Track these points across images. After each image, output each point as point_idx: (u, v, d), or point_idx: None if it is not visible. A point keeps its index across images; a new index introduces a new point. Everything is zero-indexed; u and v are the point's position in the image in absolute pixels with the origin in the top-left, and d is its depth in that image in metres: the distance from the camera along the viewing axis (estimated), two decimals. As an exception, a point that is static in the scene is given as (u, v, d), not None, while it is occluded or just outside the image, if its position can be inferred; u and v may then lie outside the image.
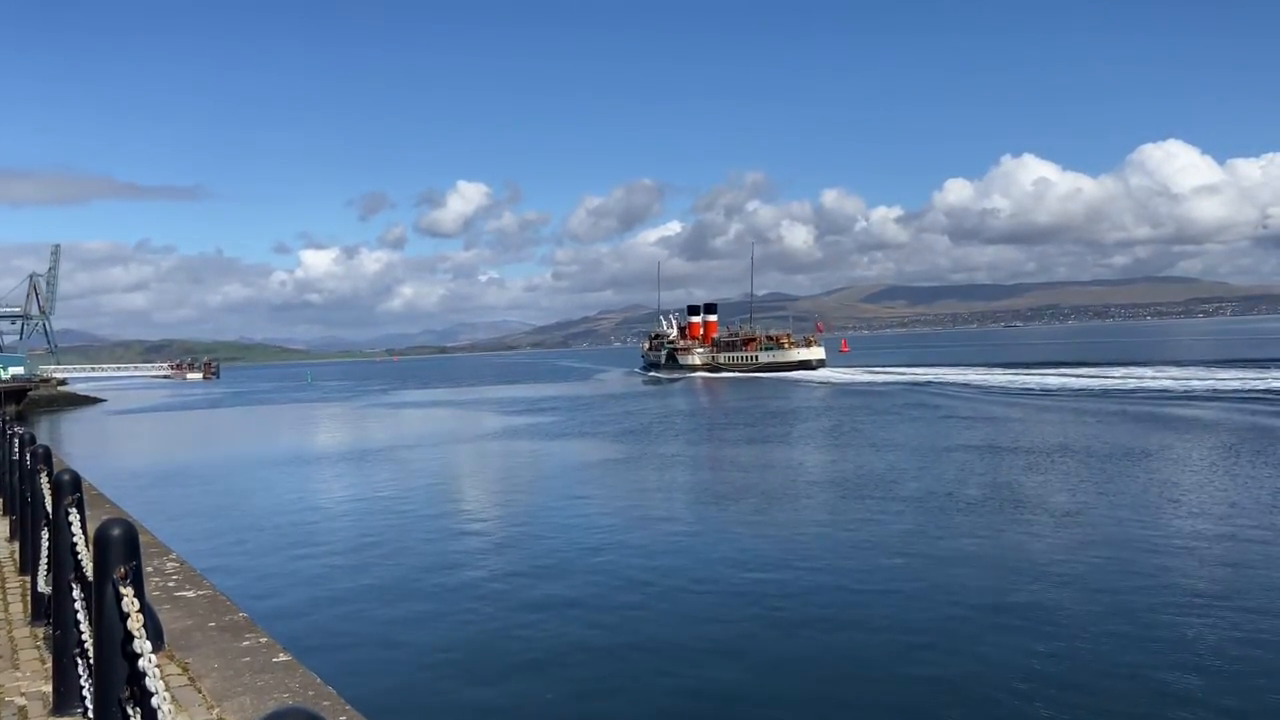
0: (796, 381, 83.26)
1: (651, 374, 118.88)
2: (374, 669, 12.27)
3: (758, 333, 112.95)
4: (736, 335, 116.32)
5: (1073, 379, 64.31)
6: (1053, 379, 64.89)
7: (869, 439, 35.38)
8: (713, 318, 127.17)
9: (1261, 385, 49.68)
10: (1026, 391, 56.97)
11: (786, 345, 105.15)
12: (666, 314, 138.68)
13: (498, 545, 20.02)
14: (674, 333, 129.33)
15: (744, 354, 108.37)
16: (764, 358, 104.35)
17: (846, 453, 31.80)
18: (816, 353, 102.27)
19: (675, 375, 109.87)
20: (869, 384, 74.44)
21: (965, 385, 64.68)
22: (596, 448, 37.78)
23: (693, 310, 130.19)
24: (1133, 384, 57.12)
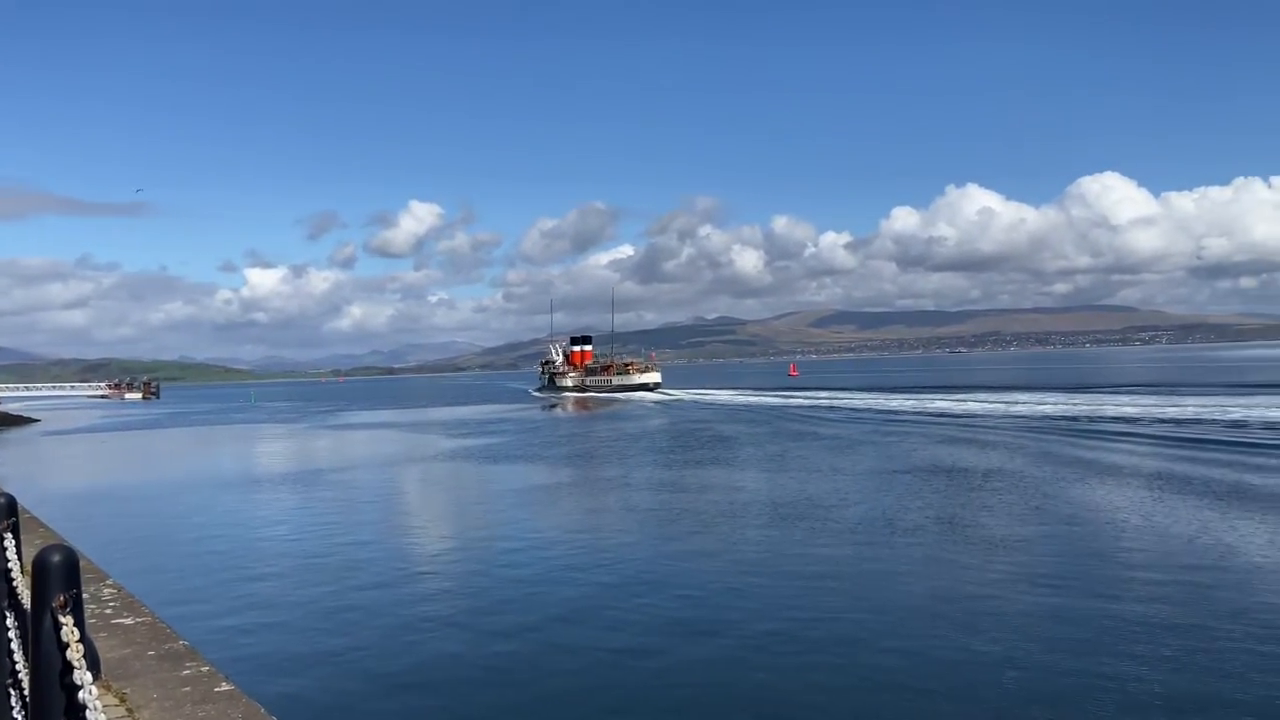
0: (631, 400, 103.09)
1: (537, 394, 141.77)
2: (319, 699, 12.02)
3: (614, 360, 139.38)
4: (598, 362, 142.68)
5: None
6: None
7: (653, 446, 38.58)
8: (589, 347, 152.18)
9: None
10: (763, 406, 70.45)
11: (632, 371, 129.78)
12: (554, 343, 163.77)
13: (445, 569, 19.81)
14: (559, 359, 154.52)
15: (603, 378, 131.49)
16: (616, 381, 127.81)
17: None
18: (654, 377, 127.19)
19: (553, 396, 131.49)
20: (682, 400, 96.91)
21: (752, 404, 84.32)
22: (499, 467, 37.89)
23: (574, 341, 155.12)
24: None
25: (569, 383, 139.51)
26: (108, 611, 7.37)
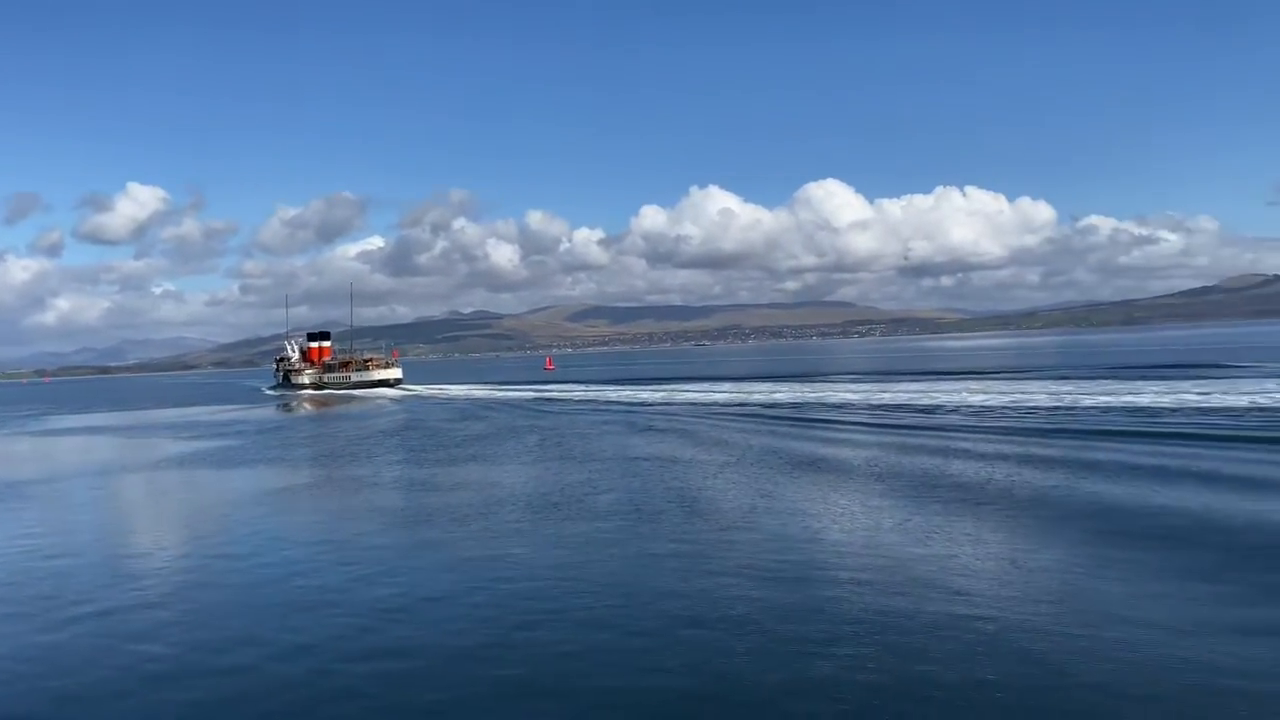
0: (370, 397, 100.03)
1: (271, 392, 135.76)
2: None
3: (354, 356, 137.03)
4: (337, 359, 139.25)
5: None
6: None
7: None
8: (327, 343, 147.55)
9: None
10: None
11: (372, 367, 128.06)
12: (290, 339, 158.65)
13: (172, 595, 18.19)
14: (295, 356, 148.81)
15: (342, 375, 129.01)
16: (355, 377, 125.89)
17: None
18: (394, 373, 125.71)
19: (289, 394, 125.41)
20: (425, 396, 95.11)
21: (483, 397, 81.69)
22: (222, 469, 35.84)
23: (312, 336, 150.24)
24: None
25: (305, 380, 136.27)
26: None
